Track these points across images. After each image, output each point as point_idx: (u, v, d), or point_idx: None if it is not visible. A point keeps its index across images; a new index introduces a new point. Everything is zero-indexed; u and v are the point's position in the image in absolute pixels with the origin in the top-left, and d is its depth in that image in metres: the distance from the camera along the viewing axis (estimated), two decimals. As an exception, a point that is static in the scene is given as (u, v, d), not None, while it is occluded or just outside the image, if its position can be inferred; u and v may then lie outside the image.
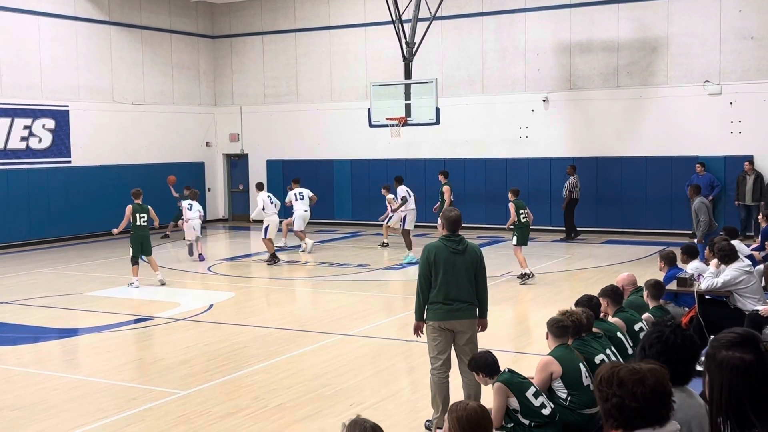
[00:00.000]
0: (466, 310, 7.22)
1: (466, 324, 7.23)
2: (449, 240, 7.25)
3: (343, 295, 14.62)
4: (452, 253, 7.16)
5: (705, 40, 20.64)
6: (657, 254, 12.14)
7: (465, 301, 7.19)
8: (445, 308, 7.15)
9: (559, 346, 6.53)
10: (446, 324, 7.19)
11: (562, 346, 6.54)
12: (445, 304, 7.14)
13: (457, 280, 7.14)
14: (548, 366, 6.43)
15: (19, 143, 21.43)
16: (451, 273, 7.12)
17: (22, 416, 7.99)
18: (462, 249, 7.21)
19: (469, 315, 7.25)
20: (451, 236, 7.28)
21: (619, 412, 2.98)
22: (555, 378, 6.40)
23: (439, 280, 7.14)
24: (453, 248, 7.18)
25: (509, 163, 22.93)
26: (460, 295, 7.16)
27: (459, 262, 7.16)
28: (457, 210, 7.51)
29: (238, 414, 7.90)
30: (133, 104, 24.65)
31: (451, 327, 7.21)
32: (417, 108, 19.28)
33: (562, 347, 6.53)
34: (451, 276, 7.12)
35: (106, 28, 23.86)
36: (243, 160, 27.58)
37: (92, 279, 16.84)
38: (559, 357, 6.44)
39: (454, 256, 7.16)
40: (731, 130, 20.46)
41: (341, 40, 25.35)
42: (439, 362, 7.22)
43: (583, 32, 22.07)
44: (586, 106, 22.16)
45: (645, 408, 2.96)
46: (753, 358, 2.96)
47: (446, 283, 7.12)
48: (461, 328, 7.22)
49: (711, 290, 9.17)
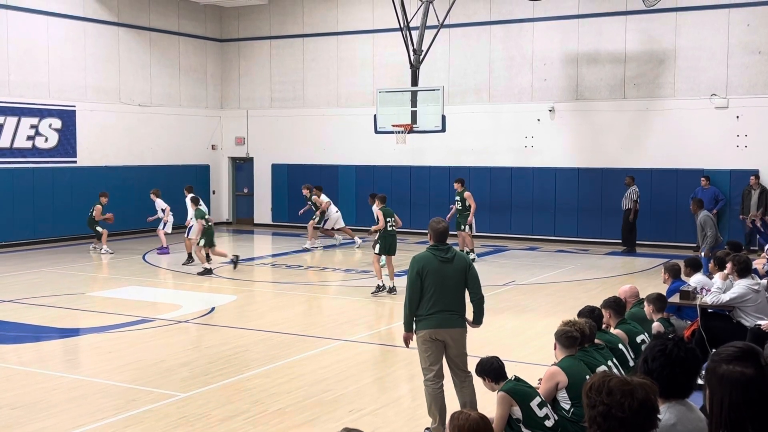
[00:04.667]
0: (457, 320, 7.20)
1: (456, 333, 7.21)
2: (437, 249, 7.26)
3: (346, 300, 14.61)
4: (441, 262, 7.17)
5: (713, 54, 20.63)
6: (661, 266, 12.12)
7: (454, 311, 7.18)
8: (436, 318, 7.12)
9: (566, 357, 6.52)
10: (437, 334, 7.15)
11: (570, 357, 6.52)
12: (436, 314, 7.11)
13: (447, 290, 7.13)
14: (555, 376, 6.41)
15: (25, 142, 21.48)
16: (441, 283, 7.12)
17: (22, 415, 7.99)
18: (450, 257, 7.23)
19: (459, 324, 7.23)
20: (439, 246, 7.30)
21: (604, 419, 3.01)
22: (560, 389, 6.38)
23: (428, 290, 7.12)
24: (442, 257, 7.20)
25: (514, 173, 22.93)
26: (450, 305, 7.15)
27: (448, 270, 7.17)
28: (445, 222, 7.59)
29: (238, 417, 7.89)
30: (140, 106, 24.69)
31: (442, 337, 7.17)
32: (423, 115, 19.28)
33: (570, 358, 6.52)
34: (441, 286, 7.12)
35: (115, 29, 23.92)
36: (248, 164, 27.61)
37: (95, 279, 16.86)
38: (566, 368, 6.42)
39: (443, 265, 7.17)
40: (737, 144, 20.44)
41: (349, 46, 25.38)
42: (432, 373, 7.19)
43: (590, 43, 22.08)
44: (593, 116, 22.15)
45: (630, 420, 2.98)
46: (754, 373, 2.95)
47: (436, 293, 7.10)
48: (451, 337, 7.19)
49: (716, 305, 9.14)
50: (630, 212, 20.32)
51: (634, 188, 20.37)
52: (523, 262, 19.15)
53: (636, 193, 20.30)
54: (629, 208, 20.33)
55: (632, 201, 20.27)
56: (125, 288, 15.52)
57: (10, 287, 15.72)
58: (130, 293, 15.03)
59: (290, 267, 18.53)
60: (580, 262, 18.95)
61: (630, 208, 20.31)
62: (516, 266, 18.41)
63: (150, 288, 15.95)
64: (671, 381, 3.62)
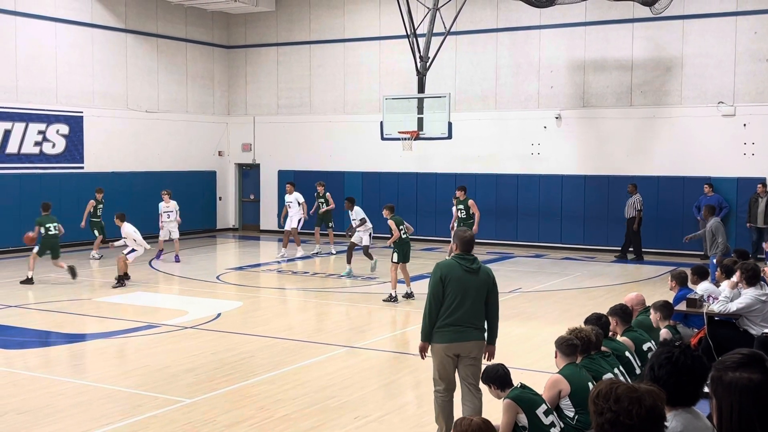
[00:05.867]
0: (473, 333, 6.97)
1: (472, 346, 6.98)
2: (463, 259, 7.01)
3: (351, 307, 14.60)
4: (466, 272, 6.92)
5: (720, 61, 20.61)
6: (667, 274, 12.09)
7: (473, 324, 6.96)
8: (453, 330, 6.89)
9: (568, 365, 6.50)
10: (452, 348, 6.93)
11: (571, 365, 6.51)
12: (453, 326, 6.88)
13: (467, 301, 6.88)
14: (557, 384, 6.39)
15: (32, 148, 21.55)
16: (463, 293, 6.86)
17: (28, 420, 8.00)
18: (476, 268, 6.99)
19: (477, 337, 7.00)
20: (465, 255, 7.05)
21: (611, 427, 2.99)
22: (563, 396, 6.36)
23: (449, 298, 6.88)
24: (467, 267, 6.95)
25: (520, 180, 22.91)
26: (470, 317, 6.91)
27: (472, 282, 6.93)
28: (471, 231, 7.37)
29: (243, 424, 7.88)
30: (147, 112, 24.77)
31: (458, 351, 6.95)
32: (429, 122, 19.28)
33: (571, 366, 6.50)
34: (463, 296, 6.86)
35: (122, 35, 24.01)
36: (255, 170, 27.65)
37: (101, 285, 16.88)
38: (568, 375, 6.41)
39: (468, 276, 6.93)
40: (744, 152, 20.40)
41: (355, 52, 25.43)
42: (442, 386, 7.06)
43: (597, 50, 22.08)
44: (599, 124, 22.14)
45: (638, 427, 2.97)
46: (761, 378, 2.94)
47: (456, 302, 6.86)
48: (467, 350, 6.97)
49: (723, 314, 9.11)
50: (634, 221, 20.28)
51: (637, 196, 20.32)
52: (529, 269, 19.12)
53: (639, 202, 20.25)
54: (633, 217, 20.29)
55: (636, 210, 20.23)
56: (131, 294, 15.53)
57: (17, 292, 15.76)
58: (136, 299, 15.04)
59: (296, 273, 18.53)
60: (586, 270, 18.91)
61: (633, 217, 20.27)
62: (522, 273, 18.39)
63: (156, 294, 15.97)
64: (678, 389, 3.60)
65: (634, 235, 20.36)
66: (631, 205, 20.33)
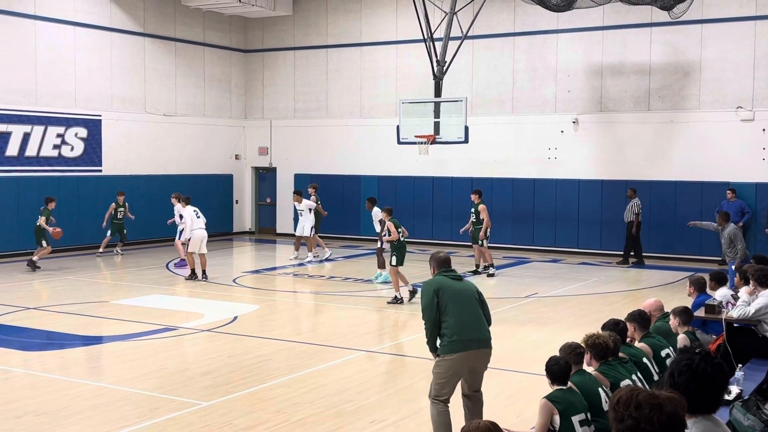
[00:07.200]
0: (483, 340, 6.99)
1: (482, 354, 7.01)
2: (446, 272, 7.18)
3: (368, 310, 14.61)
4: (454, 281, 7.10)
5: (738, 66, 20.48)
6: (686, 279, 12.02)
7: (477, 328, 6.97)
8: (462, 339, 6.86)
9: (575, 373, 6.46)
10: (462, 357, 6.86)
11: (578, 373, 6.48)
12: (461, 333, 6.86)
13: (465, 305, 6.98)
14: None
15: (51, 151, 21.70)
16: (460, 299, 6.97)
17: (46, 422, 8.05)
18: (460, 277, 7.23)
19: (486, 345, 7.02)
20: (446, 270, 7.20)
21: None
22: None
23: (448, 307, 6.89)
24: (453, 276, 7.14)
25: (537, 184, 22.85)
26: (472, 321, 6.95)
27: (464, 287, 7.12)
28: (444, 252, 7.46)
29: (260, 427, 7.90)
30: (165, 115, 24.89)
31: (468, 360, 6.92)
32: (446, 126, 19.27)
33: (578, 374, 6.47)
34: (460, 302, 6.96)
35: (141, 39, 24.15)
36: (271, 174, 27.72)
37: (119, 287, 16.98)
38: (576, 383, 6.34)
39: (458, 283, 7.11)
40: (763, 157, 20.25)
41: (372, 56, 25.46)
42: (444, 397, 6.98)
43: (615, 55, 22.00)
44: (617, 128, 22.05)
45: None
46: None
47: (456, 309, 6.89)
48: (477, 358, 6.98)
49: (743, 319, 9.03)
50: (632, 225, 20.26)
51: (636, 201, 20.38)
52: (545, 274, 19.06)
53: (638, 206, 20.29)
54: (632, 221, 20.29)
55: (634, 214, 20.25)
56: (149, 296, 15.61)
57: (34, 294, 15.87)
58: (153, 302, 15.11)
59: (312, 277, 18.56)
60: (603, 275, 18.83)
61: (632, 221, 20.26)
62: (539, 278, 18.33)
63: (173, 297, 16.04)
64: (697, 396, 3.58)
65: (633, 239, 20.37)
66: (630, 209, 20.37)
